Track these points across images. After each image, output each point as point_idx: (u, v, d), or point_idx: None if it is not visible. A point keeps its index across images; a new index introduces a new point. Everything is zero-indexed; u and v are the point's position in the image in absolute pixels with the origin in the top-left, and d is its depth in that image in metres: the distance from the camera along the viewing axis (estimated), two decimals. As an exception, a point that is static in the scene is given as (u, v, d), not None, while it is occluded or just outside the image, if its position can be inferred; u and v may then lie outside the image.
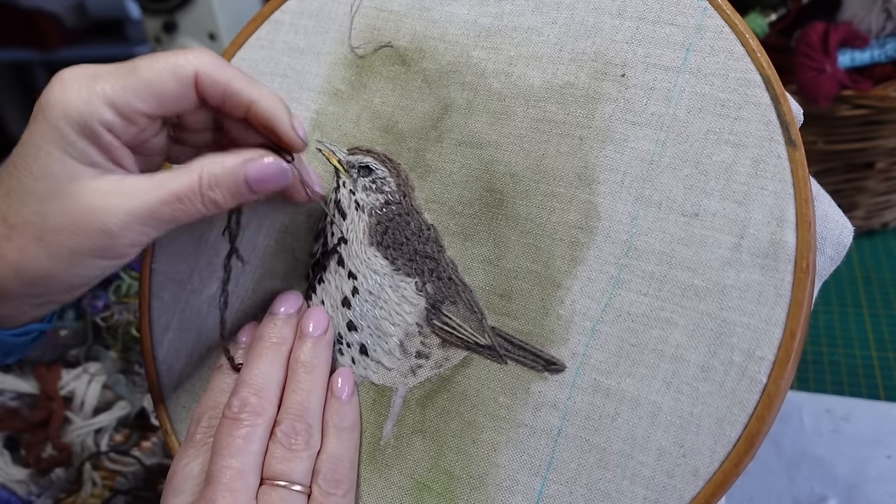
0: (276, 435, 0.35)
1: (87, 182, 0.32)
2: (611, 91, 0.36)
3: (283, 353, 0.37)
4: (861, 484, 0.54)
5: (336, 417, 0.37)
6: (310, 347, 0.38)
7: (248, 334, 0.40)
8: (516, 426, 0.35)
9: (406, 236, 0.39)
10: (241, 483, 0.33)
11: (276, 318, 0.39)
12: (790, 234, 0.32)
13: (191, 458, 0.36)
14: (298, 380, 0.37)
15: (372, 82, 0.42)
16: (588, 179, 0.36)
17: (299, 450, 0.35)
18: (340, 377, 0.38)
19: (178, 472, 0.35)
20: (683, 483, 0.31)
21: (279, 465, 0.34)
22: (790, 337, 0.31)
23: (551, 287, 0.36)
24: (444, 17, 0.41)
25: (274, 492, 0.34)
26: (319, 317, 0.39)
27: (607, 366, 0.34)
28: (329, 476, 0.35)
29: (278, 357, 0.37)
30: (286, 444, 0.35)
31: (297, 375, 0.37)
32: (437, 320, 0.38)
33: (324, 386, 0.37)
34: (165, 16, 1.10)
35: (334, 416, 0.37)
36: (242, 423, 0.34)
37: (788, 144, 0.33)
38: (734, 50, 0.34)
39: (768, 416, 0.31)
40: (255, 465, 0.34)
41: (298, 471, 0.35)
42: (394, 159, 0.41)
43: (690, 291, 0.33)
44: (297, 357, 0.37)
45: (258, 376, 0.36)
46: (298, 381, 0.37)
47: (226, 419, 0.35)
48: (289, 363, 0.37)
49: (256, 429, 0.35)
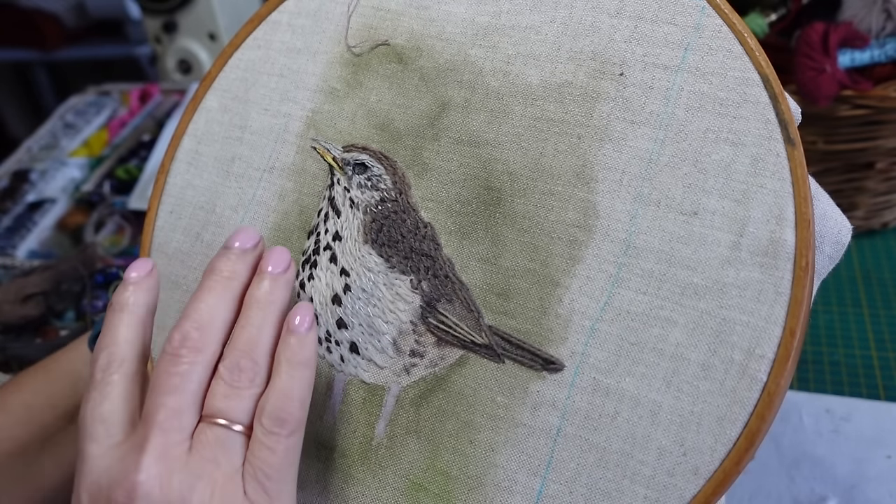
0: (219, 371, 0.33)
1: None
2: (609, 90, 0.36)
3: (234, 289, 0.35)
4: (861, 484, 0.54)
5: (289, 351, 0.33)
6: (266, 284, 0.34)
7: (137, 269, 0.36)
8: (515, 426, 0.35)
9: (402, 234, 0.39)
10: (176, 422, 0.31)
11: (230, 252, 0.35)
12: (789, 233, 0.32)
13: (98, 399, 0.32)
14: (249, 315, 0.34)
15: (368, 80, 0.42)
16: (586, 178, 0.36)
17: (242, 387, 0.32)
18: (299, 312, 0.34)
19: (88, 415, 0.32)
20: (684, 482, 0.31)
21: (219, 403, 0.32)
22: (790, 335, 0.31)
23: (550, 286, 0.35)
24: (441, 16, 0.41)
25: (210, 430, 0.32)
26: (280, 255, 0.35)
27: (607, 365, 0.34)
28: (274, 413, 0.32)
29: (228, 292, 0.34)
30: (228, 381, 0.32)
31: (249, 311, 0.34)
32: (433, 318, 0.37)
33: (277, 324, 0.34)
34: (165, 16, 1.10)
35: (287, 350, 0.33)
36: (182, 359, 0.32)
37: (787, 143, 0.33)
38: (732, 49, 0.34)
39: (769, 415, 0.31)
40: (193, 404, 0.32)
41: (240, 409, 0.32)
42: (390, 157, 0.41)
43: (690, 290, 0.33)
44: (252, 293, 0.34)
45: (204, 310, 0.33)
46: (249, 316, 0.34)
47: (164, 354, 0.33)
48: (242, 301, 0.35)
49: (196, 366, 0.32)
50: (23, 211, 0.95)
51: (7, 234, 0.91)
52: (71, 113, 1.15)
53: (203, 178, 0.45)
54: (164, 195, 0.46)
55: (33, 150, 1.08)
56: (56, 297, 0.75)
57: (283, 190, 0.43)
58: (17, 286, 0.75)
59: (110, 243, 0.87)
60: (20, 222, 0.93)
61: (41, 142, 1.09)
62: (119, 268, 0.78)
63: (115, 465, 0.31)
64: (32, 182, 1.00)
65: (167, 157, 0.47)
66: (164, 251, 0.45)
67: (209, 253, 0.44)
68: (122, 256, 0.83)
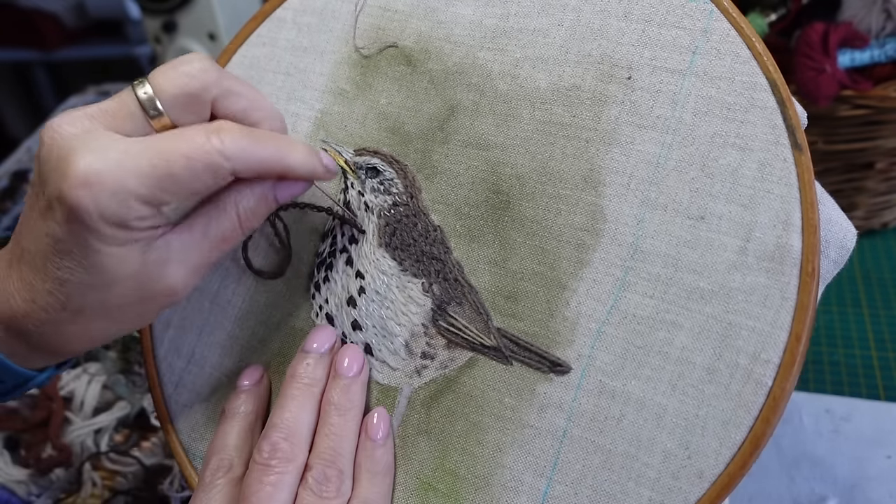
0: (307, 481, 0.34)
1: (139, 259, 0.32)
2: (617, 94, 0.36)
3: (315, 395, 0.37)
4: (861, 484, 0.55)
5: (369, 462, 0.36)
6: (343, 388, 0.37)
7: (249, 377, 0.40)
8: (522, 427, 0.35)
9: (413, 237, 0.39)
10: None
11: (309, 357, 0.38)
12: (796, 238, 0.32)
13: (202, 501, 0.35)
14: (331, 423, 0.36)
15: (377, 83, 0.42)
16: (594, 182, 0.36)
17: (330, 497, 0.34)
18: (376, 416, 0.37)
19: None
20: (689, 485, 0.32)
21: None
22: (795, 340, 0.31)
23: (557, 289, 0.36)
24: (449, 18, 0.41)
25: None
26: (354, 355, 0.38)
27: (613, 367, 0.34)
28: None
29: (310, 399, 0.36)
30: (317, 492, 0.34)
31: (330, 418, 0.36)
32: (443, 321, 0.38)
33: (356, 429, 0.37)
34: (165, 16, 1.09)
35: (367, 460, 0.36)
36: (273, 469, 0.34)
37: (794, 148, 0.33)
38: (740, 53, 0.34)
39: (773, 419, 0.31)
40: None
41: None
42: (401, 160, 0.41)
43: (696, 294, 0.33)
44: (330, 399, 0.37)
45: (290, 420, 0.35)
46: (331, 424, 0.36)
47: (256, 464, 0.34)
48: (321, 405, 0.37)
49: (286, 476, 0.34)
50: (23, 211, 0.95)
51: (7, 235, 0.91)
52: (71, 111, 1.14)
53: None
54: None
55: (33, 150, 1.07)
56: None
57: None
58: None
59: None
60: (20, 222, 0.93)
61: (41, 141, 1.09)
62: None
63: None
64: (32, 182, 0.99)
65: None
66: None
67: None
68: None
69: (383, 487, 0.36)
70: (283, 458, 0.34)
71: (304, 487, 0.34)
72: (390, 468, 0.37)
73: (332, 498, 0.34)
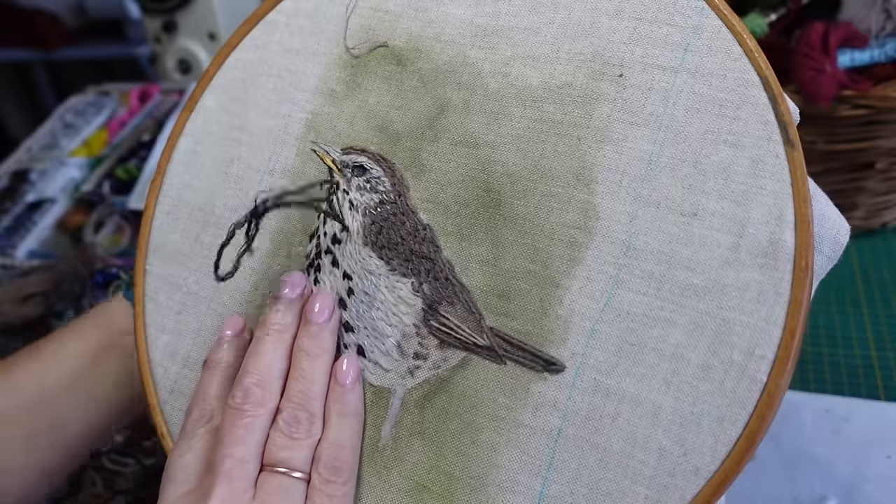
0: (277, 423, 0.36)
1: None
2: (609, 91, 0.36)
3: (286, 341, 0.38)
4: (861, 484, 0.54)
5: (338, 405, 0.37)
6: (313, 335, 0.38)
7: (231, 327, 0.41)
8: (516, 426, 0.35)
9: (401, 236, 0.39)
10: (241, 471, 0.34)
11: (279, 303, 0.39)
12: (789, 234, 0.32)
13: (184, 449, 0.36)
14: (301, 368, 0.37)
15: (367, 82, 0.42)
16: (586, 179, 0.36)
17: (300, 438, 0.36)
18: (345, 363, 0.38)
19: (173, 464, 0.36)
20: (685, 482, 0.31)
21: (280, 453, 0.35)
22: (790, 336, 0.31)
23: (550, 287, 0.35)
24: (440, 17, 0.41)
25: (273, 478, 0.35)
26: (324, 301, 0.39)
27: (607, 365, 0.34)
28: (330, 463, 0.35)
29: (280, 345, 0.38)
30: (287, 433, 0.35)
31: (301, 363, 0.37)
32: (435, 321, 0.38)
33: (327, 373, 0.38)
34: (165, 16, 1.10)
35: (337, 402, 0.37)
36: (245, 413, 0.35)
37: (787, 144, 0.33)
38: (732, 50, 0.34)
39: (769, 415, 0.31)
40: (256, 454, 0.35)
41: (299, 458, 0.35)
42: (388, 159, 0.41)
43: (690, 291, 0.33)
44: (300, 345, 0.38)
45: (262, 365, 0.37)
46: (301, 369, 0.37)
47: (229, 409, 0.36)
48: (292, 349, 0.38)
49: (258, 419, 0.35)
50: (22, 211, 0.95)
51: (7, 234, 0.91)
52: (70, 113, 1.15)
53: (201, 179, 0.45)
54: (162, 196, 0.46)
55: (33, 150, 1.08)
56: (56, 297, 0.75)
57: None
58: (16, 286, 0.75)
59: (110, 243, 0.87)
60: (20, 222, 0.93)
61: (41, 142, 1.09)
62: (119, 268, 0.78)
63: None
64: (32, 182, 1.00)
65: (164, 157, 0.46)
66: (162, 252, 0.45)
67: (208, 255, 0.44)
68: (122, 256, 0.83)
69: (353, 429, 0.37)
70: (255, 403, 0.36)
71: (275, 429, 0.36)
72: (359, 412, 0.38)
73: (303, 439, 0.36)
